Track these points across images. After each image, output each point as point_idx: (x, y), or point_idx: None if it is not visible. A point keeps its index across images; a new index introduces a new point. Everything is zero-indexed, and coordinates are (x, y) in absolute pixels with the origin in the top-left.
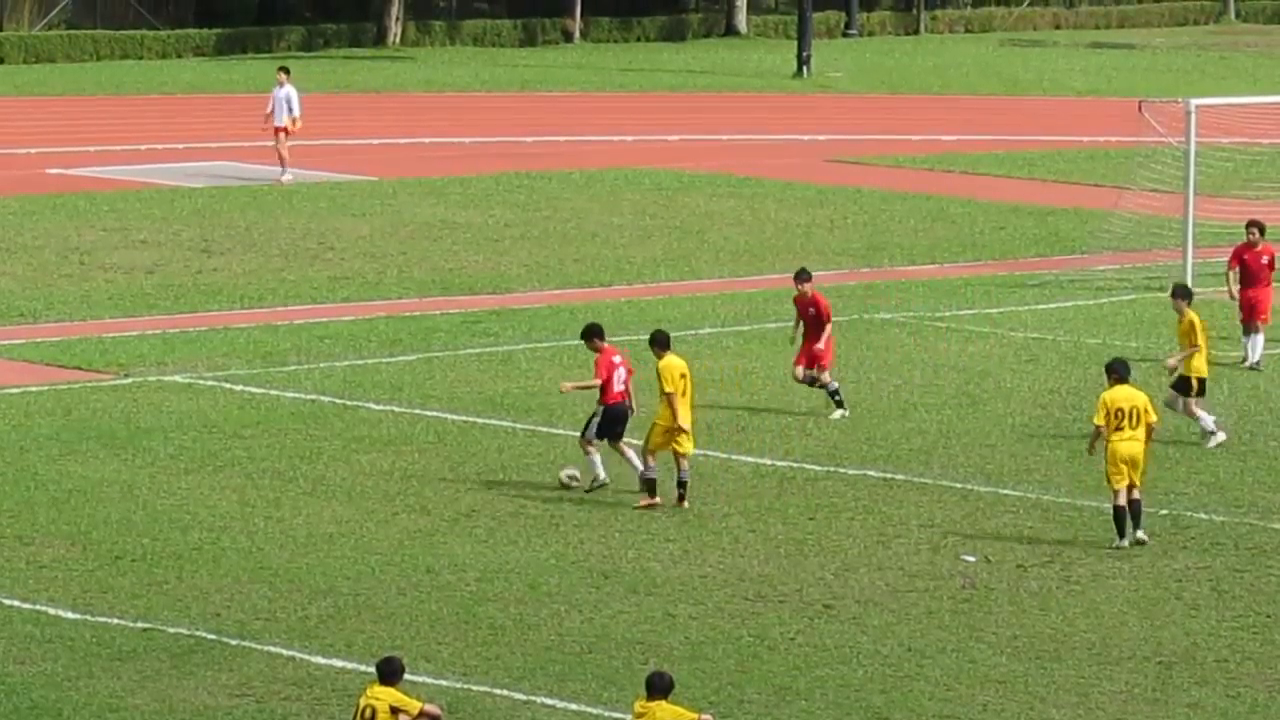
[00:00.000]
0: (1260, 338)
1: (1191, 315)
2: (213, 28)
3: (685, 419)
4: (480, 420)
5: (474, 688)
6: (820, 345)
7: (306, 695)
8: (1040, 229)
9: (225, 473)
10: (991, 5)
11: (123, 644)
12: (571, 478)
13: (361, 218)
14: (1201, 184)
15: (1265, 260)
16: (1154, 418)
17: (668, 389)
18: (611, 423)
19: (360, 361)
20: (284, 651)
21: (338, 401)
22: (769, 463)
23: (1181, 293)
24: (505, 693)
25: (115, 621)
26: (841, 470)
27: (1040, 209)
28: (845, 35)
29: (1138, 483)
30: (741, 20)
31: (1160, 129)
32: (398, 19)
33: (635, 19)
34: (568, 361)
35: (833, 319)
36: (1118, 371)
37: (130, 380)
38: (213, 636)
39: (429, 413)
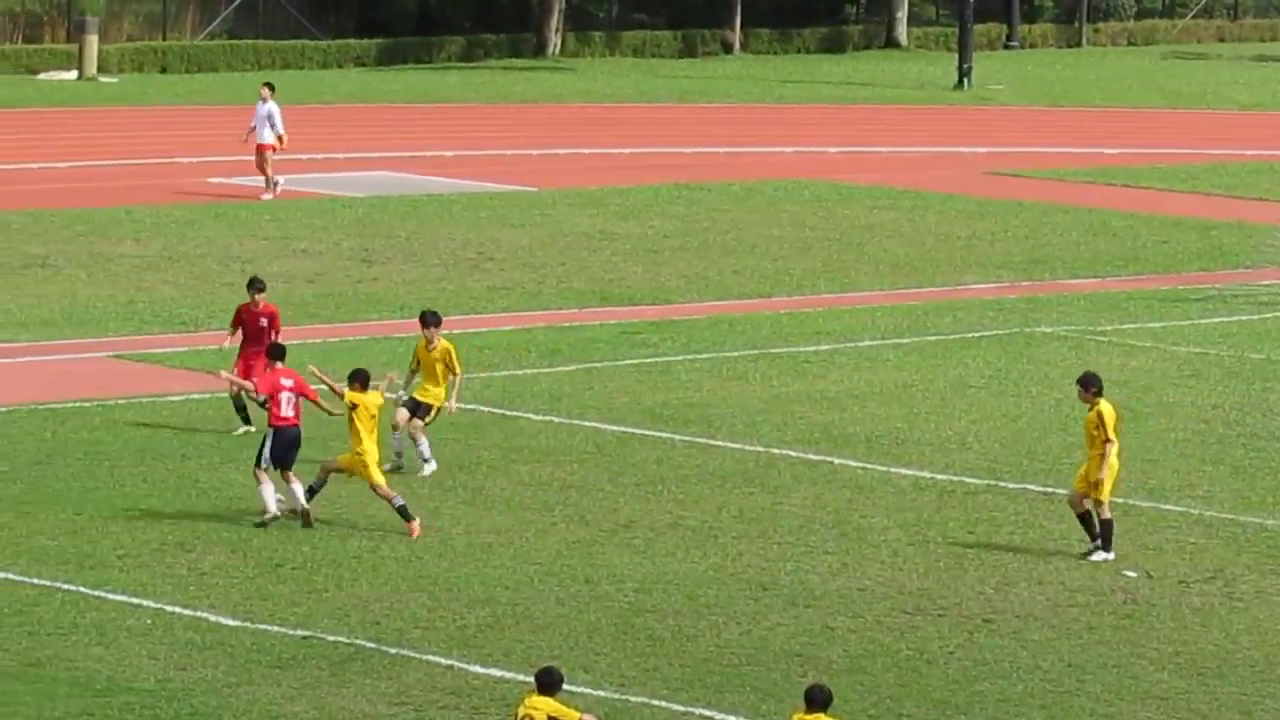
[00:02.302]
0: None
1: (446, 343)
2: (373, 38)
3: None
4: (639, 431)
5: (632, 698)
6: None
7: (464, 704)
8: (1203, 243)
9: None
10: (1154, 18)
11: (282, 651)
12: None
13: (521, 228)
14: None
15: None
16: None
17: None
18: (283, 448)
19: (519, 372)
20: (442, 660)
21: (496, 411)
22: (929, 476)
23: (431, 319)
24: (663, 704)
25: (275, 629)
26: (1002, 484)
27: (1203, 223)
28: (1006, 47)
29: (1105, 498)
30: (902, 32)
31: None
32: (557, 30)
33: (795, 30)
34: (727, 373)
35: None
36: (1097, 385)
37: None
38: (372, 645)
39: (587, 423)
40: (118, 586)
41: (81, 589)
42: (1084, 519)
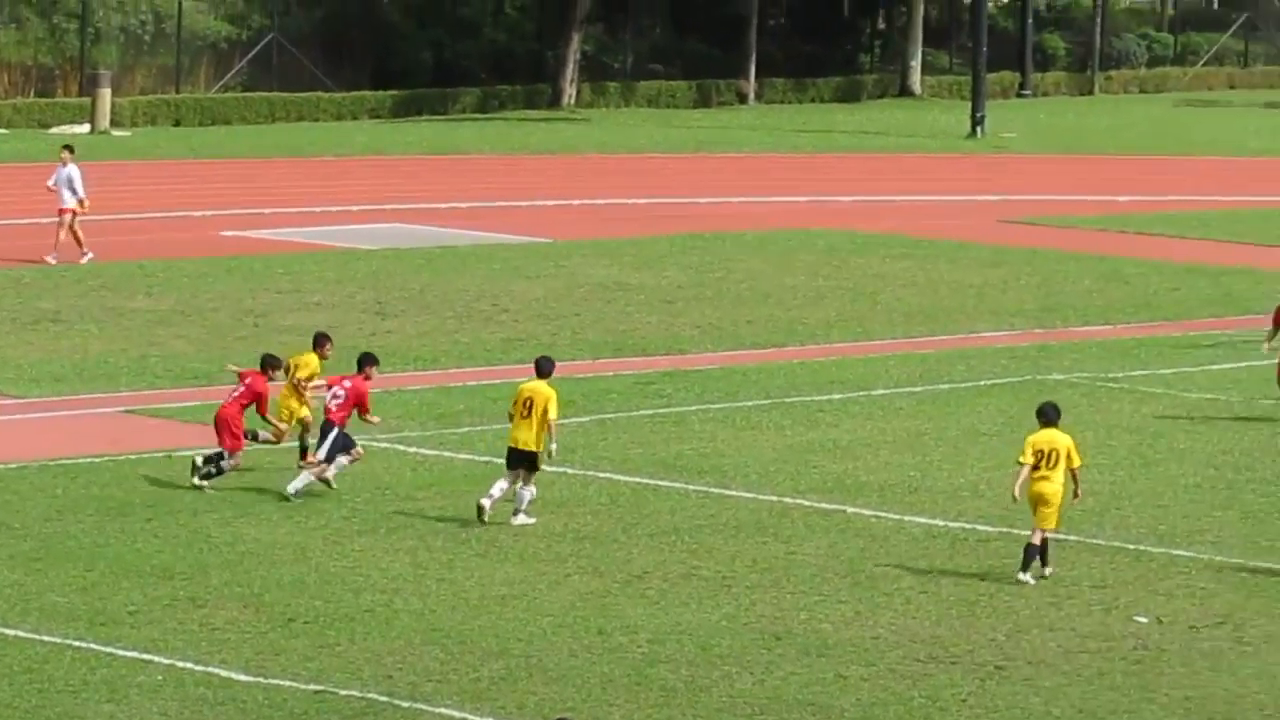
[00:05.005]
0: None
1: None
2: (388, 89)
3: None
4: (653, 482)
5: None
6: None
7: None
8: (1215, 289)
9: (398, 535)
10: (1166, 65)
11: (295, 706)
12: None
13: (535, 279)
14: None
15: None
16: (1076, 462)
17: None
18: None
19: None
20: (456, 714)
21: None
22: (942, 524)
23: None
24: None
25: (288, 684)
26: (1014, 531)
27: (1215, 269)
28: (1019, 96)
29: (1052, 525)
30: (916, 81)
31: None
32: (572, 81)
33: (810, 80)
34: (741, 423)
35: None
36: (1046, 415)
37: None
38: (385, 699)
39: (602, 474)
40: (129, 643)
41: (93, 645)
42: (1034, 549)
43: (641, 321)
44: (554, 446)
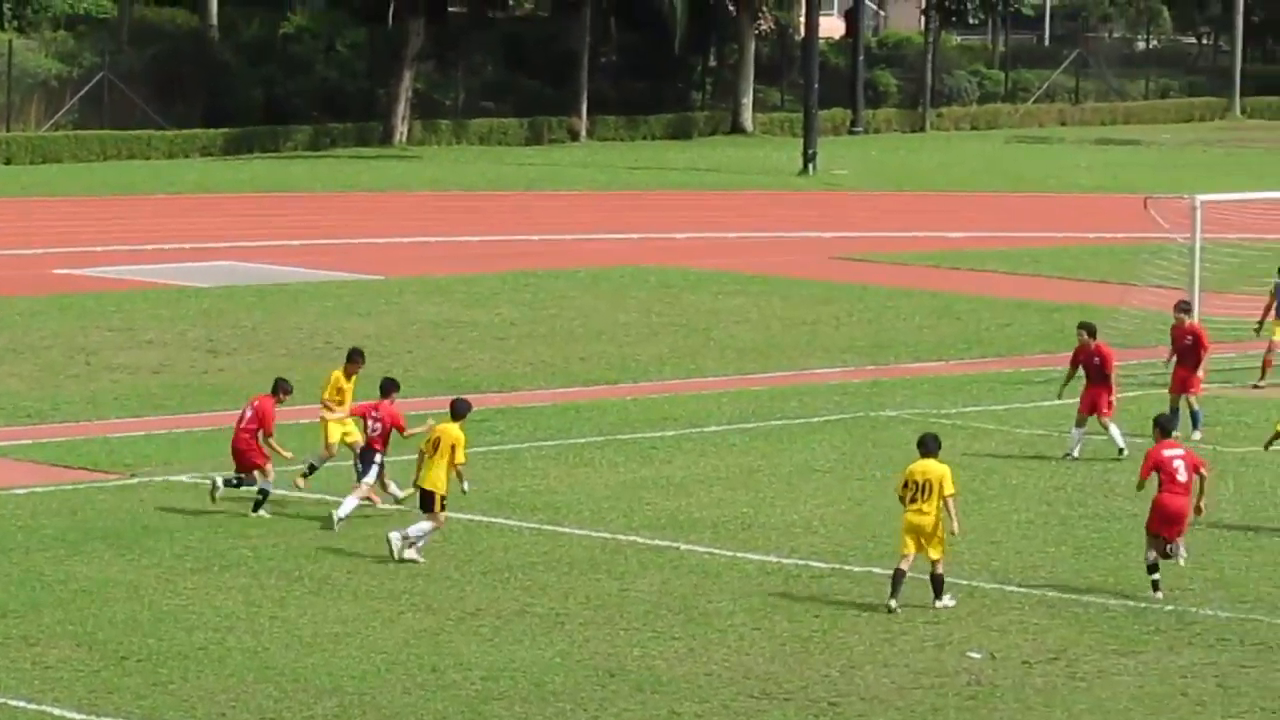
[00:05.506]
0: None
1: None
2: (220, 128)
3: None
4: (485, 519)
5: None
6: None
7: None
8: (1046, 325)
9: (231, 572)
10: (997, 102)
11: None
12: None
13: (368, 317)
14: (1207, 280)
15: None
16: (949, 490)
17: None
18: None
19: None
20: None
21: (343, 501)
22: (775, 560)
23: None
24: None
25: None
26: (847, 568)
27: (1046, 305)
28: (851, 133)
29: (935, 555)
30: (747, 118)
31: (1166, 225)
32: (404, 118)
33: (641, 117)
34: (574, 460)
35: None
36: (925, 445)
37: (136, 480)
38: None
39: None
40: None
41: None
42: (901, 576)
43: (474, 359)
44: (466, 485)
